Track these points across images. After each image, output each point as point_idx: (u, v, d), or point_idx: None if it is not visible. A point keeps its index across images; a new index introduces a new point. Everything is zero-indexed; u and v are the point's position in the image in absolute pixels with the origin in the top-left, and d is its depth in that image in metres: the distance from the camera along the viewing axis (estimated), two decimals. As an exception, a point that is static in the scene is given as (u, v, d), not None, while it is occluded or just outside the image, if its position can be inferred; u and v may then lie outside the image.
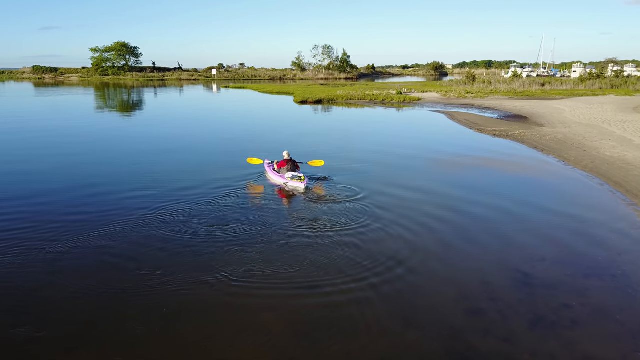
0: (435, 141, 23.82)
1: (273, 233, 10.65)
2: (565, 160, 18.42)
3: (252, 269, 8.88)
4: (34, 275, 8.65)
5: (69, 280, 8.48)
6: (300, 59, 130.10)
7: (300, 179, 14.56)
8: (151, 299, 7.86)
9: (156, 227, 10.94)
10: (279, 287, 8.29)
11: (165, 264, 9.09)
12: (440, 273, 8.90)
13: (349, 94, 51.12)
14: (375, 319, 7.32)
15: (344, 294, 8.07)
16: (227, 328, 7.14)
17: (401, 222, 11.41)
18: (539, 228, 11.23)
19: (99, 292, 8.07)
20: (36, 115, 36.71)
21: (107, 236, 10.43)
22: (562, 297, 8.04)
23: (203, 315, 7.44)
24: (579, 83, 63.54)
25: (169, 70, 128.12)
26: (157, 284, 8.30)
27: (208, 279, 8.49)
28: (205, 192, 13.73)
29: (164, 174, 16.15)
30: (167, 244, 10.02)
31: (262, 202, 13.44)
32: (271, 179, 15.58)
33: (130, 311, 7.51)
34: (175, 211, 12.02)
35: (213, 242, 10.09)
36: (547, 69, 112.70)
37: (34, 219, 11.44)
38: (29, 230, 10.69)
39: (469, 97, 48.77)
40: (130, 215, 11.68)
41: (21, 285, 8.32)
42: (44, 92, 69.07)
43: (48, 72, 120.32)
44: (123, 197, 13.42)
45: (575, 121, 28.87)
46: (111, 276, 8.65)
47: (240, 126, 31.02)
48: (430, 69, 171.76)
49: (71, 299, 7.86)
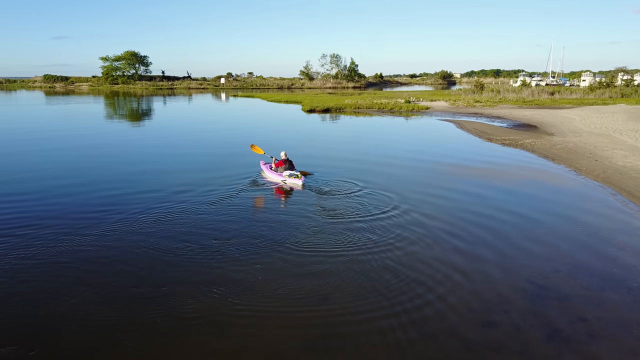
0: (445, 150, 23.66)
1: (277, 244, 10.56)
2: (577, 170, 18.21)
3: (256, 281, 8.79)
4: (34, 284, 8.63)
5: (65, 289, 8.45)
6: (308, 68, 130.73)
7: (297, 177, 15.47)
8: (154, 310, 7.79)
9: (158, 235, 10.90)
10: (286, 299, 8.19)
11: (171, 274, 9.03)
12: (451, 284, 8.73)
13: (357, 103, 51.12)
14: (384, 331, 7.18)
15: (352, 306, 7.94)
16: (233, 342, 7.04)
17: (411, 231, 11.28)
18: (552, 238, 11.05)
19: (100, 300, 8.01)
20: (45, 125, 36.99)
21: (110, 243, 10.41)
22: (578, 309, 7.86)
23: (207, 329, 7.35)
24: (588, 92, 63.12)
25: (178, 79, 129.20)
26: (161, 295, 8.23)
27: (213, 291, 8.41)
28: (214, 200, 13.70)
29: (172, 182, 16.12)
30: (173, 253, 9.97)
31: (270, 214, 13.37)
32: (269, 178, 16.40)
33: (132, 324, 7.44)
34: (180, 217, 11.99)
35: (217, 254, 10.01)
36: (555, 78, 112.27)
37: (36, 222, 11.48)
38: (32, 232, 10.70)
39: (477, 106, 48.59)
40: (131, 219, 11.67)
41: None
42: (54, 100, 69.72)
43: (59, 80, 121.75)
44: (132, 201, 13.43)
45: (585, 130, 28.61)
46: (116, 286, 8.59)
47: (250, 133, 31.04)
48: (438, 78, 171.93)
49: (69, 308, 7.82)
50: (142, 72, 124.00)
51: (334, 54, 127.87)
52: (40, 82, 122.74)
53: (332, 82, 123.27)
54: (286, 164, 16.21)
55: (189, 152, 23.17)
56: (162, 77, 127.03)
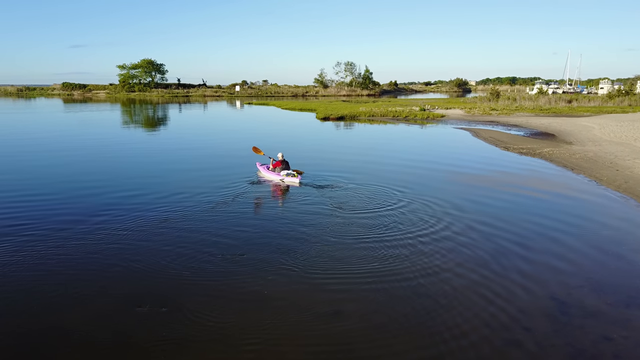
0: (461, 158, 23.27)
1: (286, 252, 10.41)
2: (597, 180, 17.76)
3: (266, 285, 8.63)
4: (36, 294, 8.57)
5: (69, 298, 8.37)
6: (322, 76, 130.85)
7: (294, 175, 16.80)
8: (159, 324, 7.67)
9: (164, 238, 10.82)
10: (298, 313, 8.01)
11: (177, 286, 8.92)
12: (470, 298, 8.45)
13: (371, 111, 50.94)
14: (398, 349, 6.95)
15: (365, 321, 7.74)
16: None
17: (426, 242, 11.02)
18: (574, 252, 10.69)
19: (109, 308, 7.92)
20: (60, 132, 37.44)
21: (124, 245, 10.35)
22: (602, 328, 7.54)
23: (215, 345, 7.20)
24: (607, 100, 62.09)
25: (194, 86, 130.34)
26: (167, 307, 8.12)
27: (221, 305, 8.27)
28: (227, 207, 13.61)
29: (172, 184, 16.11)
30: (173, 264, 9.88)
31: (273, 216, 13.22)
32: (268, 177, 17.73)
33: (133, 345, 7.32)
34: (182, 220, 11.92)
35: (223, 263, 9.89)
36: (573, 86, 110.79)
37: (37, 225, 11.48)
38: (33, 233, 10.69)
39: (493, 114, 48.07)
40: (140, 223, 11.61)
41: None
42: (72, 108, 70.70)
43: (77, 88, 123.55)
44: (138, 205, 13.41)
45: (605, 139, 28.02)
46: (117, 299, 8.50)
47: (263, 139, 31.00)
48: (453, 86, 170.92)
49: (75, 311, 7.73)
50: (158, 79, 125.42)
51: (348, 61, 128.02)
52: (58, 90, 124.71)
53: (347, 89, 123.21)
54: (283, 164, 17.56)
55: (211, 164, 23.18)
56: (177, 85, 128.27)
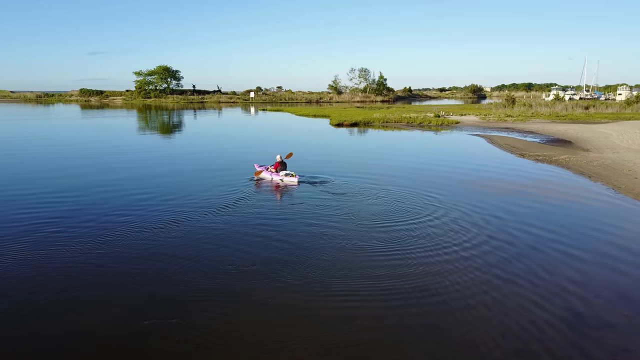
0: (476, 165, 23.03)
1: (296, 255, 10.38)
2: (616, 188, 17.44)
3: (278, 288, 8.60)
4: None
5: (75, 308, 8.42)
6: (336, 82, 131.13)
7: (292, 175, 18.33)
8: (170, 334, 7.67)
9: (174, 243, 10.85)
10: (309, 319, 7.97)
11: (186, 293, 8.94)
12: (483, 308, 8.33)
13: (385, 117, 50.81)
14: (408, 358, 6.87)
15: (376, 330, 7.67)
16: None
17: (439, 249, 10.92)
18: (590, 262, 10.49)
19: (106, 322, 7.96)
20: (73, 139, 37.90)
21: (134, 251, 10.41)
22: (620, 339, 7.37)
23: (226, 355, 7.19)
24: (625, 106, 61.08)
25: (209, 93, 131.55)
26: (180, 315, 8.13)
27: (232, 313, 8.26)
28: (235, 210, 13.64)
29: (174, 187, 16.21)
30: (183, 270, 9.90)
31: (276, 218, 13.20)
32: (268, 178, 19.00)
33: (148, 350, 7.33)
34: (184, 222, 11.97)
35: (233, 270, 9.90)
36: (590, 92, 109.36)
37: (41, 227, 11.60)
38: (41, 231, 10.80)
39: (509, 120, 47.62)
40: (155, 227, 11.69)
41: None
42: (90, 114, 71.71)
43: (94, 94, 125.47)
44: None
45: (624, 146, 27.55)
46: (126, 306, 8.54)
47: (277, 145, 31.10)
48: (468, 92, 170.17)
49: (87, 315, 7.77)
50: (174, 86, 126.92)
51: (362, 68, 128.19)
52: (76, 96, 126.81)
53: (361, 95, 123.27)
54: (281, 165, 19.17)
55: (224, 170, 23.29)
56: (193, 91, 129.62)
